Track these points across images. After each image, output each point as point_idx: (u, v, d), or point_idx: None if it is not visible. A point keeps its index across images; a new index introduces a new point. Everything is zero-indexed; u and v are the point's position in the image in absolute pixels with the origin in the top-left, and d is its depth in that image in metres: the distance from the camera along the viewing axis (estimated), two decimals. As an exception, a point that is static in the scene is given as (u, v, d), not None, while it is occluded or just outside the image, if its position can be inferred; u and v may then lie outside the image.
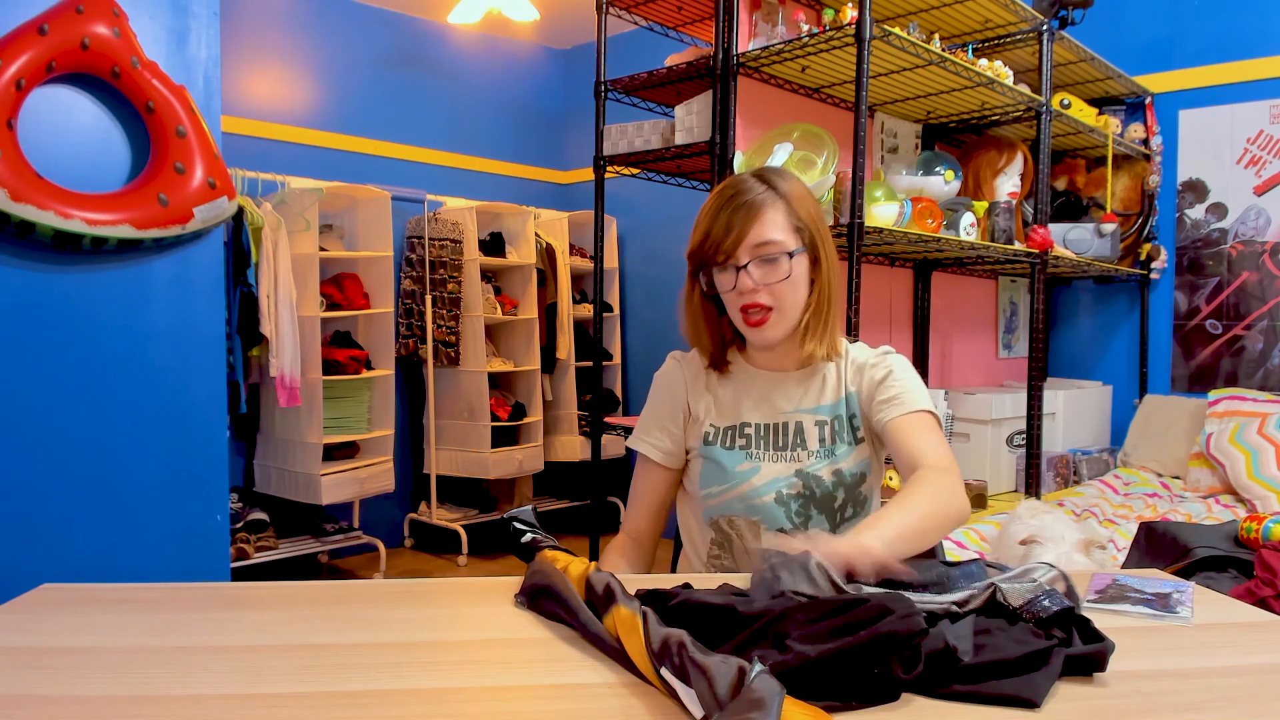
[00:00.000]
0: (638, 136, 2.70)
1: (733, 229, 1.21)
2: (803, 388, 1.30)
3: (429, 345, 4.10)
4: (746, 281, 1.21)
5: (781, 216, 1.23)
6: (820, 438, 1.27)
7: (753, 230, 1.21)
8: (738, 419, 1.30)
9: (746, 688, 0.63)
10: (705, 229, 1.23)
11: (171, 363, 2.00)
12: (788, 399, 1.30)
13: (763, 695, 0.61)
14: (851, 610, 0.74)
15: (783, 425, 1.28)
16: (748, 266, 1.21)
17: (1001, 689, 0.71)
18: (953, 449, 2.76)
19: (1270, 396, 3.06)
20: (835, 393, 1.29)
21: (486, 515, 4.38)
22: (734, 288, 1.22)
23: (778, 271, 1.21)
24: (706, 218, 1.24)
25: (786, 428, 1.28)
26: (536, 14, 3.83)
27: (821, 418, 1.28)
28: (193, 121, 1.93)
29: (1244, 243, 3.27)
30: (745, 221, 1.21)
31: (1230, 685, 0.76)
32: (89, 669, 0.78)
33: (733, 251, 1.21)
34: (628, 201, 4.62)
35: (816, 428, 1.27)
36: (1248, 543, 1.93)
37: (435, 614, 0.97)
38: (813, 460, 1.26)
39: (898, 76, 2.56)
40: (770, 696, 0.61)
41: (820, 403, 1.29)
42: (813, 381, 1.30)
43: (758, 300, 1.22)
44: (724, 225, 1.21)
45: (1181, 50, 3.41)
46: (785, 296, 1.23)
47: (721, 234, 1.21)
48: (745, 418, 1.30)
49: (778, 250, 1.21)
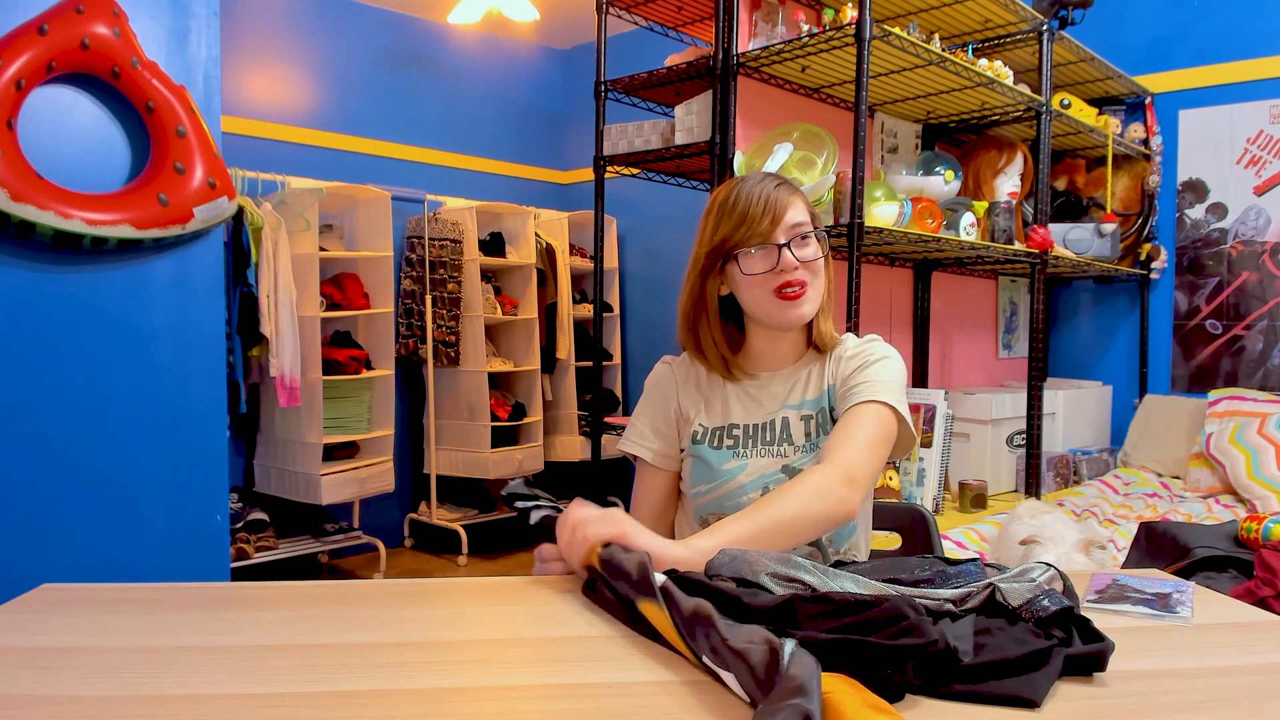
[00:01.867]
0: (638, 136, 2.70)
1: (769, 211, 1.24)
2: (789, 385, 1.32)
3: (429, 345, 4.10)
4: (790, 259, 1.24)
5: (802, 203, 1.28)
6: (806, 432, 1.29)
7: (789, 212, 1.25)
8: (726, 420, 1.32)
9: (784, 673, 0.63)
10: (739, 215, 1.25)
11: (171, 363, 2.00)
12: (774, 397, 1.32)
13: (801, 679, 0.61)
14: (865, 611, 0.74)
15: (769, 423, 1.30)
16: (789, 245, 1.24)
17: (1002, 689, 0.71)
18: (953, 449, 2.75)
19: (1270, 396, 3.06)
20: (818, 387, 1.31)
21: (486, 515, 4.38)
22: (774, 267, 1.24)
23: (814, 250, 1.26)
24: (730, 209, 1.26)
25: (773, 424, 1.30)
26: (536, 14, 3.83)
27: (807, 412, 1.30)
28: (193, 121, 1.93)
29: (1244, 243, 3.27)
30: (780, 204, 1.25)
31: (1230, 685, 0.76)
32: (89, 669, 0.78)
33: (770, 233, 1.24)
34: (628, 201, 4.62)
35: (802, 422, 1.29)
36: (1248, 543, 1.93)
37: (435, 614, 0.97)
38: (798, 455, 1.28)
39: (898, 76, 2.56)
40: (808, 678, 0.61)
41: (805, 398, 1.31)
42: (798, 378, 1.33)
43: (799, 277, 1.25)
44: (760, 208, 1.24)
45: (1181, 50, 3.41)
46: (819, 274, 1.28)
47: (759, 216, 1.24)
48: (734, 419, 1.32)
49: (809, 230, 1.26)
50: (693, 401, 1.35)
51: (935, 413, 2.57)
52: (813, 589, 0.85)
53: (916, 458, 2.57)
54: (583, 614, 0.95)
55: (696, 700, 0.71)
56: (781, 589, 0.86)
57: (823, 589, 0.86)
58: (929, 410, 2.58)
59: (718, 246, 1.27)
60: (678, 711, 0.69)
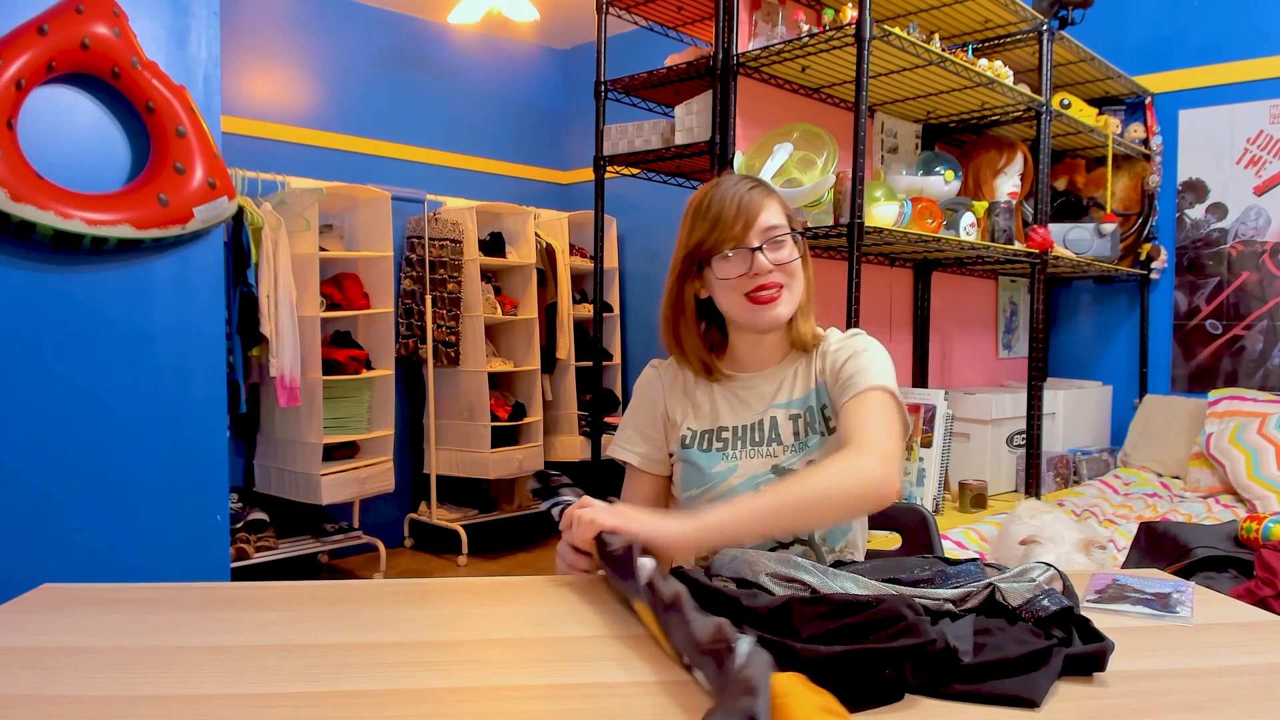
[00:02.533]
0: (638, 136, 2.70)
1: (742, 214, 1.25)
2: (775, 384, 1.32)
3: (429, 345, 4.10)
4: (763, 262, 1.24)
5: (777, 205, 1.29)
6: (794, 431, 1.29)
7: (761, 215, 1.25)
8: (715, 423, 1.32)
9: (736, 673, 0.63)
10: (712, 219, 1.26)
11: (171, 363, 2.00)
12: (761, 397, 1.32)
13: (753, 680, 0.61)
14: (863, 613, 0.74)
15: (758, 423, 1.30)
16: (761, 249, 1.24)
17: (1002, 689, 0.71)
18: (953, 449, 2.75)
19: (1270, 396, 3.06)
20: (805, 386, 1.32)
21: (486, 515, 4.38)
22: (746, 271, 1.25)
23: (788, 253, 1.27)
24: (704, 213, 1.27)
25: (762, 425, 1.30)
26: (536, 14, 3.83)
27: (794, 411, 1.30)
28: (193, 121, 1.93)
29: (1244, 243, 3.27)
30: (753, 208, 1.25)
31: (1230, 685, 0.76)
32: (89, 669, 0.78)
33: (744, 237, 1.25)
34: (628, 201, 4.62)
35: (790, 422, 1.29)
36: (1248, 543, 1.94)
37: (435, 614, 0.97)
38: (788, 454, 1.28)
39: (898, 76, 2.56)
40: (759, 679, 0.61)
41: (793, 397, 1.31)
42: (784, 377, 1.33)
43: (773, 279, 1.25)
44: (733, 212, 1.25)
45: (1181, 50, 3.41)
46: (795, 276, 1.28)
47: (732, 220, 1.25)
48: (722, 421, 1.32)
49: (784, 232, 1.26)
50: (680, 405, 1.35)
51: (935, 413, 2.57)
52: (813, 589, 0.86)
53: (917, 458, 2.57)
54: (583, 614, 0.95)
55: (696, 700, 0.71)
56: (781, 590, 0.86)
57: (823, 589, 0.86)
58: (929, 410, 2.58)
59: (693, 250, 1.28)
60: (677, 712, 0.69)
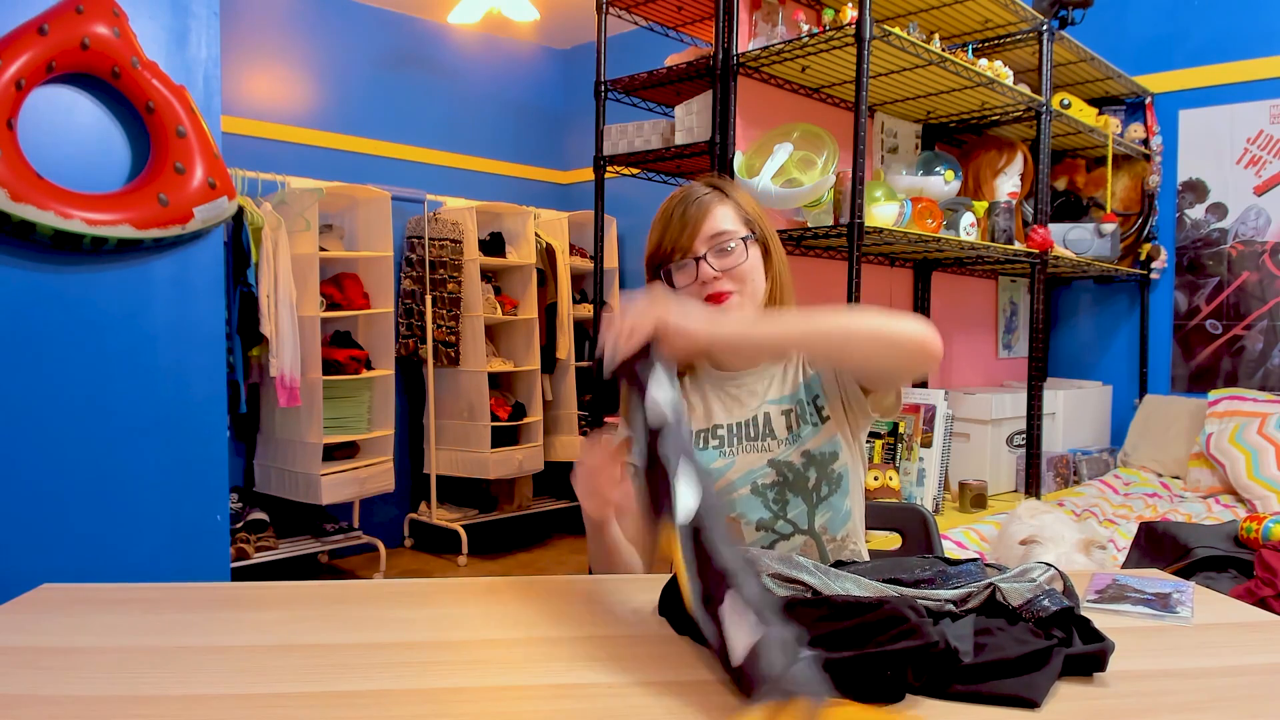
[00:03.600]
0: (638, 136, 2.70)
1: (687, 224, 1.28)
2: (766, 380, 1.34)
3: (429, 345, 4.10)
4: (707, 270, 1.27)
5: (730, 211, 1.31)
6: (787, 425, 1.31)
7: (706, 223, 1.28)
8: (709, 422, 1.34)
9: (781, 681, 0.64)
10: (660, 231, 1.30)
11: (171, 363, 2.00)
12: (753, 394, 1.34)
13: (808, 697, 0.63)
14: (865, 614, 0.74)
15: (751, 420, 1.32)
16: (705, 257, 1.27)
17: (1002, 689, 0.71)
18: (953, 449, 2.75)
19: (1270, 396, 3.06)
20: (795, 381, 1.33)
21: (486, 515, 4.38)
22: (695, 279, 1.27)
23: (735, 258, 1.28)
24: (660, 222, 1.31)
25: (755, 421, 1.31)
26: (536, 14, 3.83)
27: (786, 406, 1.32)
28: (193, 121, 1.93)
29: (1244, 243, 3.27)
30: (698, 217, 1.28)
31: (1230, 685, 0.76)
32: (89, 669, 0.78)
33: (690, 246, 1.27)
34: (628, 201, 4.62)
35: (783, 416, 1.31)
36: (1248, 543, 1.94)
37: (435, 614, 0.97)
38: (782, 448, 1.29)
39: (898, 76, 2.56)
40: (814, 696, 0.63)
41: (783, 393, 1.33)
42: (775, 373, 1.35)
43: (720, 288, 1.27)
44: (679, 223, 1.28)
45: (1181, 50, 3.41)
46: (746, 280, 1.29)
47: (677, 231, 1.28)
48: (716, 420, 1.33)
49: (731, 238, 1.28)
50: None
51: (935, 413, 2.57)
52: (814, 590, 0.86)
53: (916, 458, 2.57)
54: (583, 614, 0.95)
55: (696, 700, 0.71)
56: (783, 590, 0.86)
57: (824, 590, 0.86)
58: (929, 410, 2.58)
59: (650, 259, 1.32)
60: (677, 711, 0.69)
